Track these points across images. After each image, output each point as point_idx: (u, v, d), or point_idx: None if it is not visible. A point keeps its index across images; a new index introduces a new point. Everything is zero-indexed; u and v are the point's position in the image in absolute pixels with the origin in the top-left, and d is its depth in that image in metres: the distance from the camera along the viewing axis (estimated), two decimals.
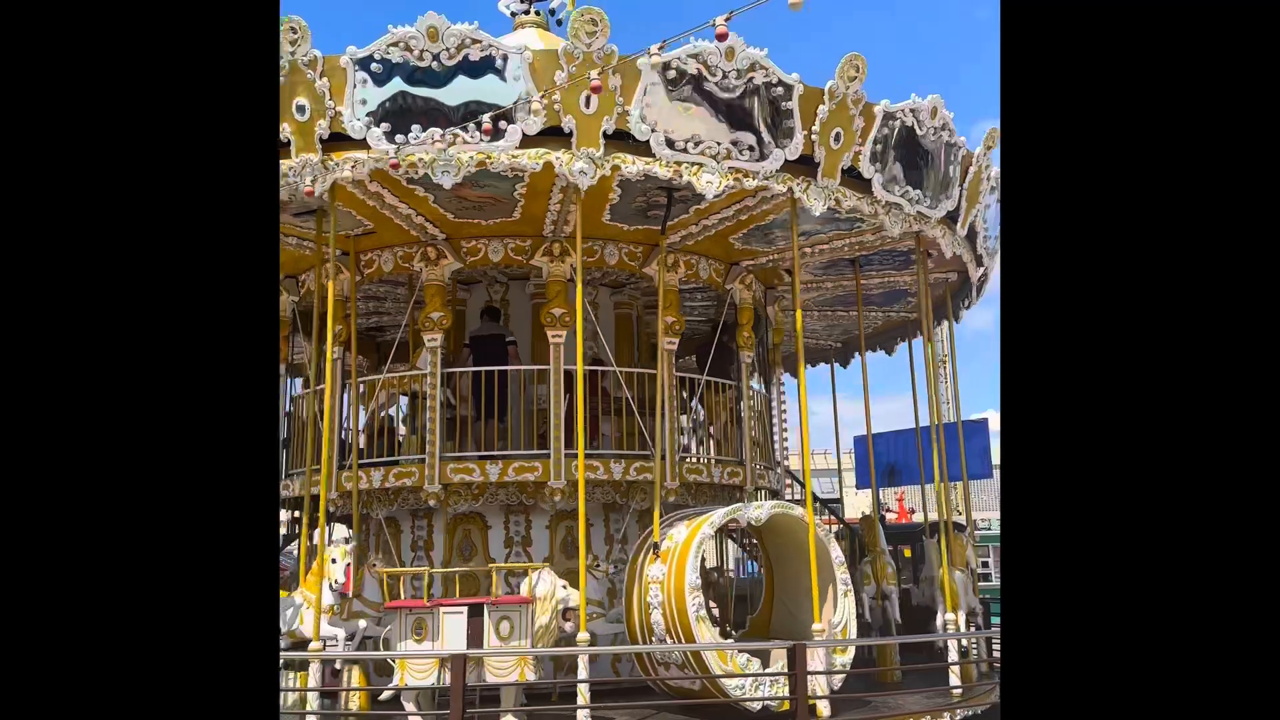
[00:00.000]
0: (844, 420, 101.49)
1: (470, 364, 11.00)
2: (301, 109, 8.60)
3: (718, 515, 9.41)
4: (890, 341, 15.75)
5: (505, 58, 8.43)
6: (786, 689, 8.57)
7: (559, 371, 10.50)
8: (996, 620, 13.48)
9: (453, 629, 8.53)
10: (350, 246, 11.04)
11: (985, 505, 25.49)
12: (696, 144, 8.75)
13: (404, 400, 12.33)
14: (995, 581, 16.81)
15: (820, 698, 8.72)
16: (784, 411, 13.85)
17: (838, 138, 9.30)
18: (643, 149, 8.72)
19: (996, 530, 18.03)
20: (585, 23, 8.26)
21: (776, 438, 13.61)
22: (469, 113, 8.39)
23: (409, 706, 8.42)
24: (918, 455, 12.48)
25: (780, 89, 8.92)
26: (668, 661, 9.23)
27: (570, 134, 8.59)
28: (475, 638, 8.44)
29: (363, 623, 9.51)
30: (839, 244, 11.56)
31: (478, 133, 8.33)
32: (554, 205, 10.05)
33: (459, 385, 11.09)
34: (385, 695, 8.62)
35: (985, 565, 16.47)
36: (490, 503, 10.78)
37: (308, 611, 8.91)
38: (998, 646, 12.14)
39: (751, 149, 8.96)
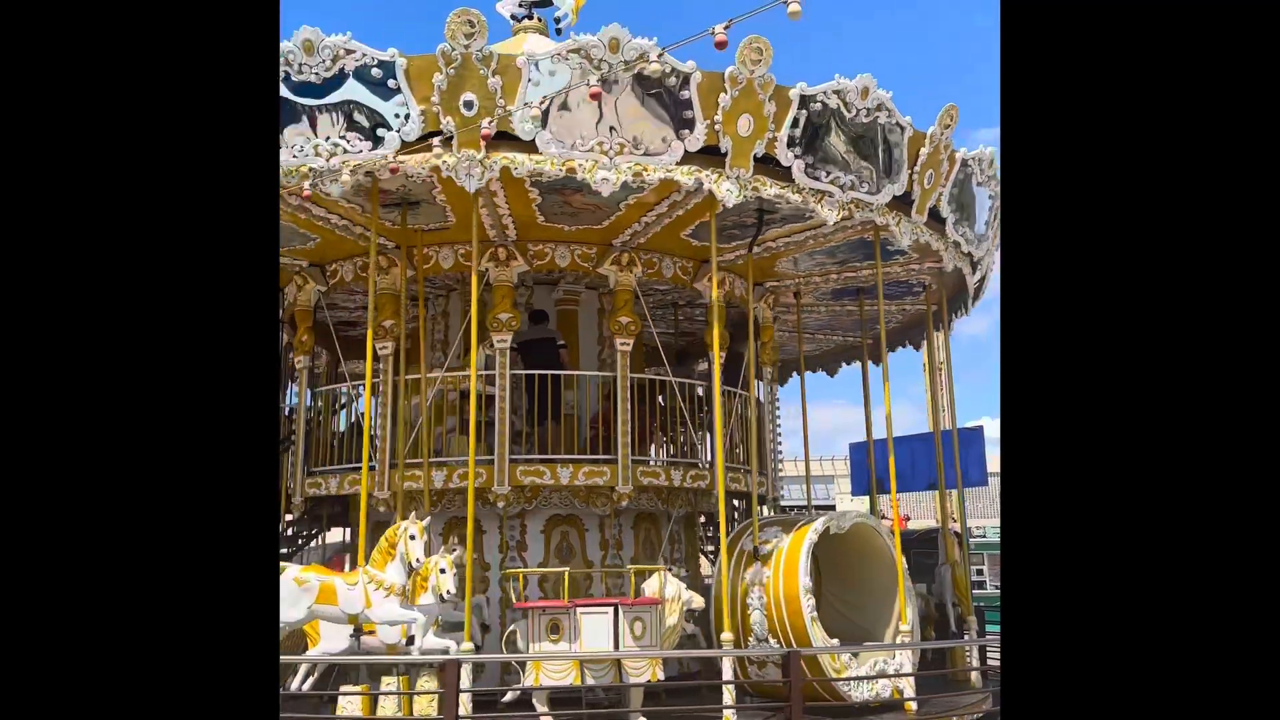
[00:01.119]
0: (838, 427, 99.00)
1: (519, 367, 11.03)
2: (469, 104, 8.48)
3: (819, 523, 9.95)
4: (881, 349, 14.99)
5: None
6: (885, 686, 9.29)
7: (626, 378, 10.77)
8: (991, 629, 12.83)
9: (593, 629, 8.66)
10: (416, 241, 10.91)
11: (981, 513, 24.23)
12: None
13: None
14: (990, 589, 15.83)
15: (910, 698, 9.35)
16: (777, 416, 13.33)
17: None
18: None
19: (991, 538, 17.01)
20: (752, 51, 8.47)
21: (770, 443, 13.12)
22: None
23: (540, 707, 8.54)
24: (911, 462, 11.89)
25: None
26: (764, 660, 9.46)
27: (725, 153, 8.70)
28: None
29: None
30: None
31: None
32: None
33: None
34: (510, 696, 8.77)
35: (980, 573, 15.52)
36: (543, 506, 11.03)
37: (376, 592, 8.61)
38: (992, 654, 11.55)
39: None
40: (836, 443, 62.16)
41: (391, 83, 8.42)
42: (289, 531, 11.87)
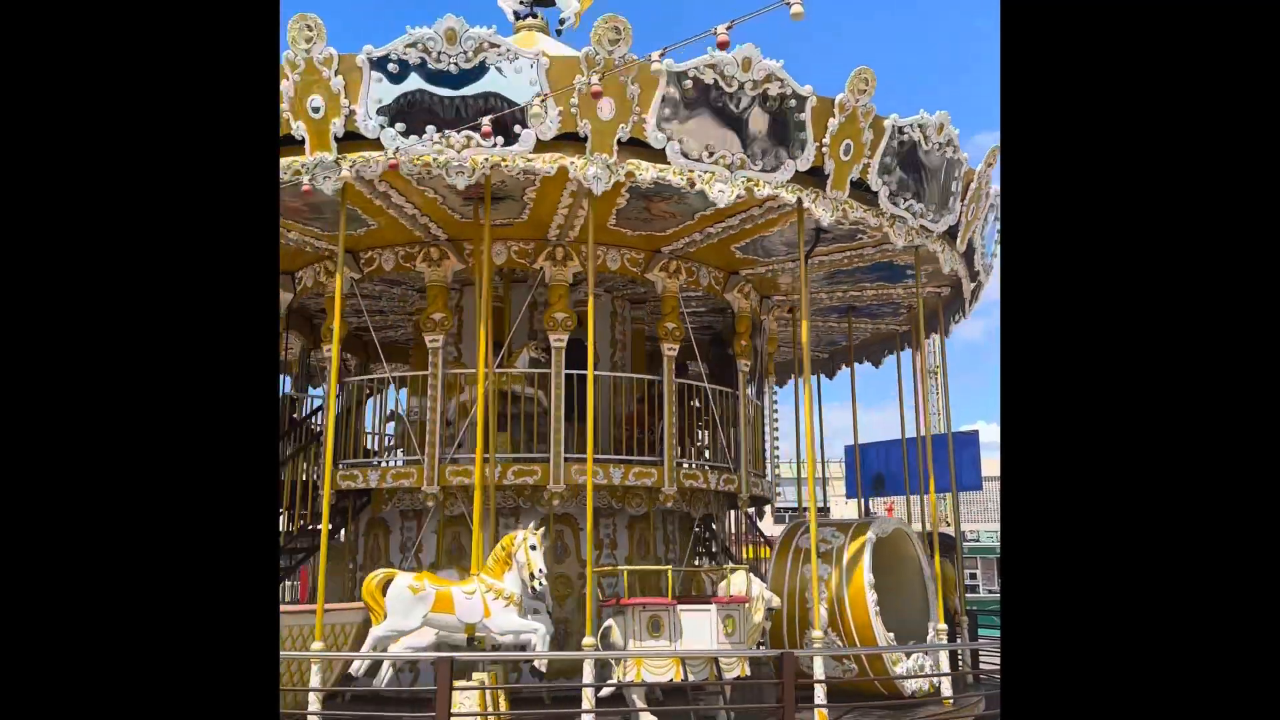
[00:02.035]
0: (832, 429, 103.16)
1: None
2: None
3: (875, 527, 10.68)
4: (878, 353, 15.88)
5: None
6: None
7: (672, 382, 10.92)
8: (983, 632, 13.65)
9: (693, 627, 8.81)
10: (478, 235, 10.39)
11: (974, 517, 25.66)
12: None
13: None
14: (983, 593, 16.93)
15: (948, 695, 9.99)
16: (775, 419, 13.92)
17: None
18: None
19: (986, 542, 18.15)
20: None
21: (768, 445, 13.68)
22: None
23: (639, 702, 8.49)
24: (904, 466, 12.62)
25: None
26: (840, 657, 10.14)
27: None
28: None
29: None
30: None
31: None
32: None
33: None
34: (606, 692, 8.65)
35: (973, 577, 16.60)
36: (581, 504, 10.80)
37: (495, 602, 8.57)
38: (984, 657, 12.41)
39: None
40: (833, 445, 61.99)
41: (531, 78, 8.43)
42: (305, 525, 11.37)
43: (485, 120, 8.10)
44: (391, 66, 8.38)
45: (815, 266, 12.04)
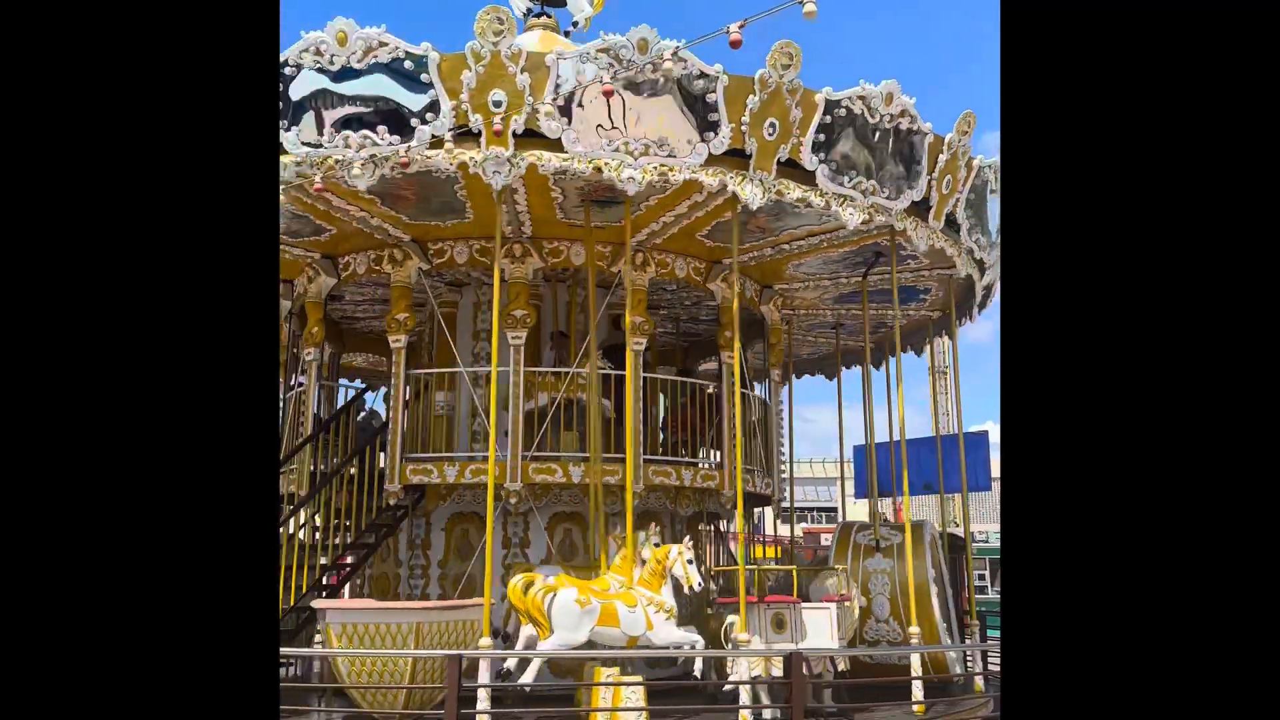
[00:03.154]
0: (833, 432, 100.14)
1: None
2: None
3: (929, 525, 11.56)
4: (880, 354, 15.08)
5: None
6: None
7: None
8: (993, 634, 12.95)
9: (815, 624, 9.25)
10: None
11: (985, 518, 24.39)
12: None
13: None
14: (992, 594, 15.96)
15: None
16: (780, 417, 13.40)
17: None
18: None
19: (994, 543, 17.15)
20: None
21: (774, 444, 13.17)
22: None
23: (764, 697, 8.77)
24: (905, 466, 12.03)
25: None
26: (877, 639, 10.89)
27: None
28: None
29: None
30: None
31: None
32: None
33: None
34: (728, 686, 8.96)
35: (983, 579, 15.67)
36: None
37: (657, 615, 8.74)
38: (994, 659, 11.66)
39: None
40: (844, 446, 61.93)
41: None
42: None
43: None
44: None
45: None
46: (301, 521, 11.12)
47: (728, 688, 8.86)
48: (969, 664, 11.33)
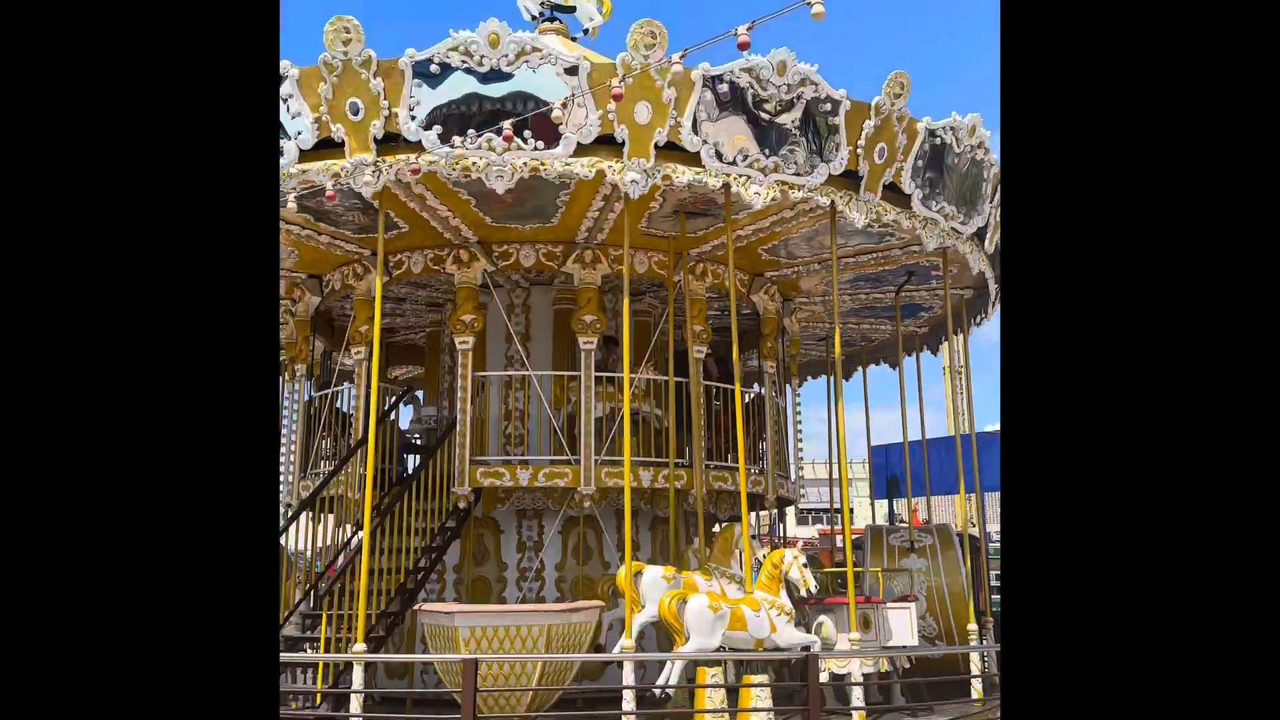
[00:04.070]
0: (857, 431, 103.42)
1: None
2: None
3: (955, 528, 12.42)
4: (894, 354, 15.91)
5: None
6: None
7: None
8: None
9: (898, 624, 9.94)
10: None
11: (997, 518, 25.63)
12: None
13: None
14: None
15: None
16: (799, 421, 13.99)
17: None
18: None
19: None
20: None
21: (792, 447, 13.73)
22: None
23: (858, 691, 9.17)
24: (924, 467, 12.82)
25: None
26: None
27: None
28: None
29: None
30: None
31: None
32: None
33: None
34: (824, 678, 9.04)
35: (996, 578, 16.70)
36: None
37: (779, 618, 9.05)
38: None
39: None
40: (854, 445, 61.61)
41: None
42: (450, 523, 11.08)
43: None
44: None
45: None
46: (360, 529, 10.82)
47: (824, 679, 9.11)
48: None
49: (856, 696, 9.07)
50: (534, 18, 13.76)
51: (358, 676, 8.66)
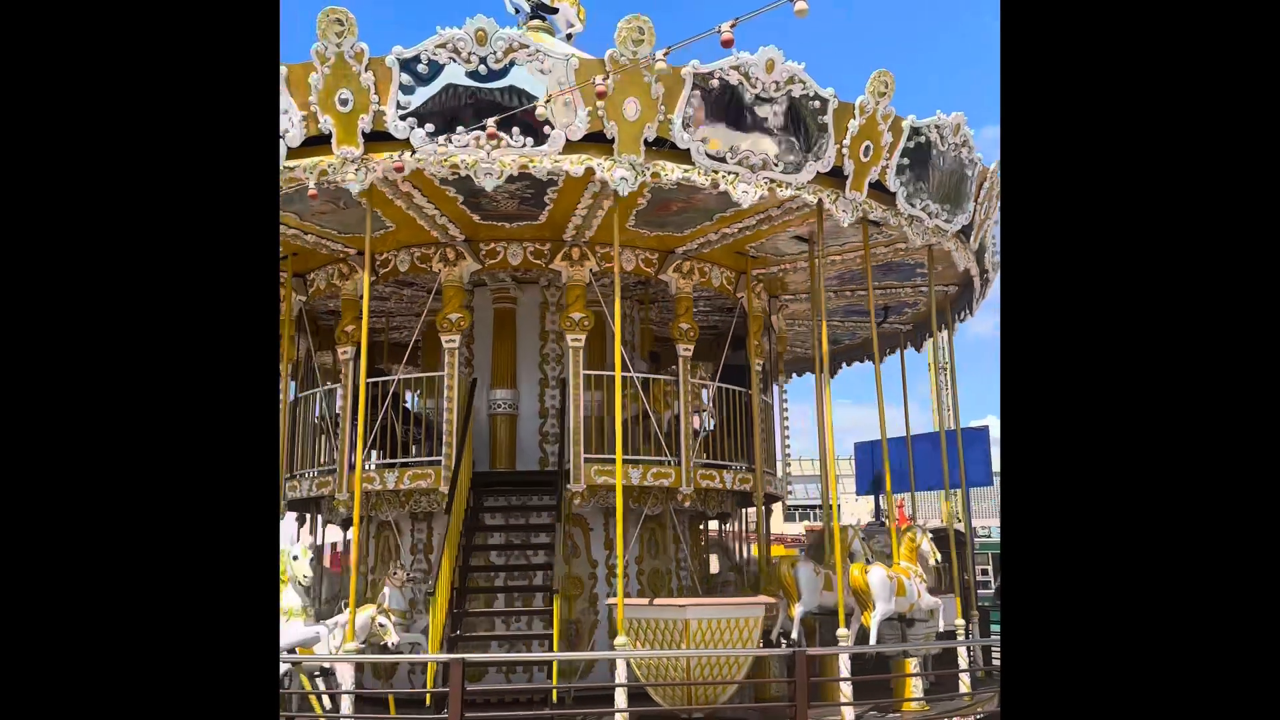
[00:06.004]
0: (843, 427, 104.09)
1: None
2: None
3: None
4: (879, 350, 15.99)
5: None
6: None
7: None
8: (995, 629, 13.81)
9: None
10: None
11: (985, 513, 25.82)
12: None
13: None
14: (995, 589, 17.14)
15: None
16: (786, 418, 14.04)
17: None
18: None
19: (996, 538, 18.35)
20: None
21: (779, 444, 13.79)
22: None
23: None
24: (909, 463, 12.82)
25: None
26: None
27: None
28: None
29: None
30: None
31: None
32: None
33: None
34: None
35: (985, 573, 16.80)
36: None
37: (921, 585, 10.40)
38: (996, 654, 12.54)
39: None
40: (840, 442, 62.13)
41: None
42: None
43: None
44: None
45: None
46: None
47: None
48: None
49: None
50: (517, 11, 13.77)
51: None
